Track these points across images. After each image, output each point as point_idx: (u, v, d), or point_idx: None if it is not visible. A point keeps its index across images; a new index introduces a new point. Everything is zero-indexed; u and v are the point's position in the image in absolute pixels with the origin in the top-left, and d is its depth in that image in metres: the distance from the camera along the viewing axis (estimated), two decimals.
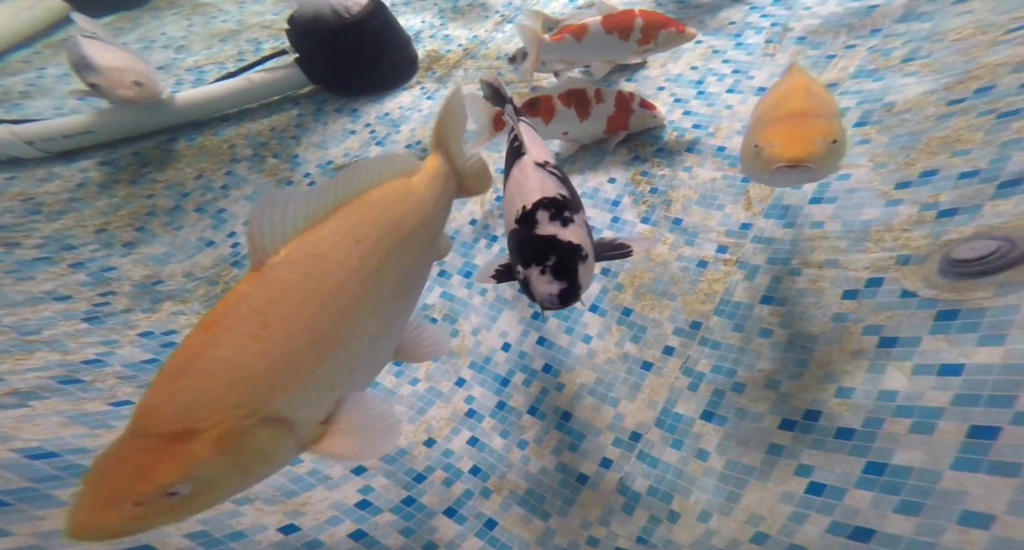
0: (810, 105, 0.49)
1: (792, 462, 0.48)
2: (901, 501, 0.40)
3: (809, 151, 0.44)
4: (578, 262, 0.36)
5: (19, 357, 0.65)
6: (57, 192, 1.02)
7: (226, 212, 1.00)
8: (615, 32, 0.84)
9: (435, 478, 0.61)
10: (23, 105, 1.30)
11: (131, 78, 0.92)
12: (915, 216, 0.59)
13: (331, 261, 0.32)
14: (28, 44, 1.59)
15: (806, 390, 0.52)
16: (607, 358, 0.67)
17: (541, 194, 0.41)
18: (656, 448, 0.57)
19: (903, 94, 0.76)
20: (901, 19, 0.88)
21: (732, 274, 0.68)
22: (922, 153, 0.65)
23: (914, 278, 0.53)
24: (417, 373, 0.74)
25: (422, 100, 1.17)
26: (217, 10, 1.72)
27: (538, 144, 0.51)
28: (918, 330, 0.49)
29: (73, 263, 0.88)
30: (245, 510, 0.51)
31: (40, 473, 0.46)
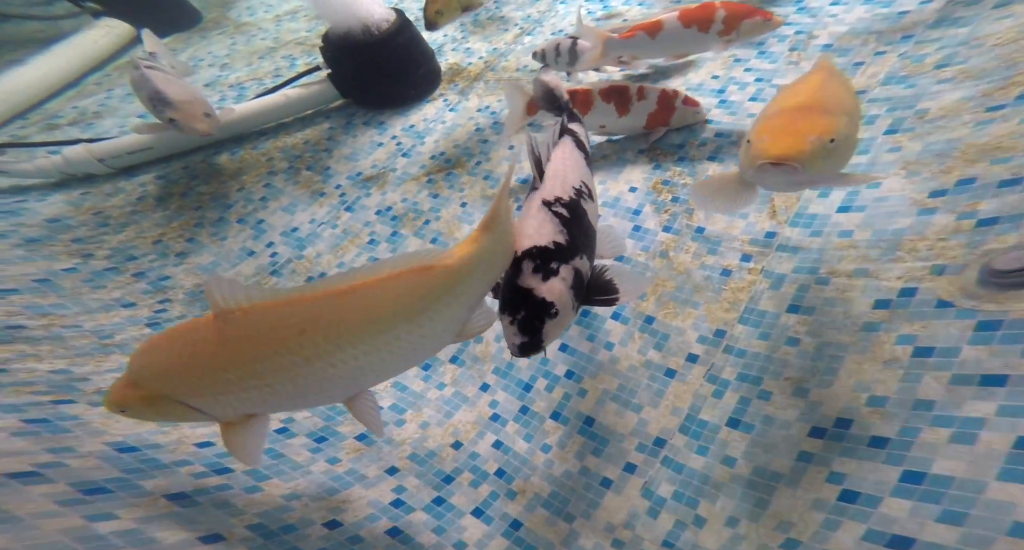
0: (816, 100, 0.45)
1: (823, 469, 0.48)
2: (943, 511, 0.40)
3: (796, 149, 0.40)
4: (545, 319, 0.38)
5: (99, 359, 0.72)
6: (121, 206, 1.12)
7: (265, 223, 1.07)
8: (694, 25, 0.84)
9: (462, 480, 0.64)
10: (95, 124, 1.43)
11: (202, 110, 0.94)
12: (952, 225, 0.58)
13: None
14: (101, 67, 1.76)
15: (836, 398, 0.52)
16: (629, 365, 0.69)
17: (533, 242, 0.42)
18: (681, 454, 0.58)
19: (937, 101, 0.74)
20: (935, 25, 0.87)
21: (757, 283, 0.69)
22: (959, 161, 0.64)
23: (951, 288, 0.52)
24: (444, 378, 0.77)
25: (445, 112, 1.23)
26: (257, 29, 1.85)
27: (559, 175, 0.47)
28: (956, 340, 0.48)
29: (136, 272, 0.96)
30: (294, 505, 0.55)
31: (128, 465, 0.52)
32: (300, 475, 0.60)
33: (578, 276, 0.42)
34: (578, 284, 0.42)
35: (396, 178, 1.10)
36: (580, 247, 0.43)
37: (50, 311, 0.80)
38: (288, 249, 1.03)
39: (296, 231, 1.06)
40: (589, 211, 0.48)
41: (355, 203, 1.08)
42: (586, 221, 0.46)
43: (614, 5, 1.37)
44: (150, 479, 0.51)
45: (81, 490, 0.46)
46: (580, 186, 0.48)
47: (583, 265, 0.43)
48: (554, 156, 0.50)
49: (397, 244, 0.98)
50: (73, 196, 1.15)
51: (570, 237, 0.43)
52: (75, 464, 0.49)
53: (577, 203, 0.46)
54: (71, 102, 1.59)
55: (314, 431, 0.69)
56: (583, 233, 0.45)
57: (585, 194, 0.48)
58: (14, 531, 0.38)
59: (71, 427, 0.55)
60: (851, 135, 0.45)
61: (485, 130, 1.14)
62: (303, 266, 0.99)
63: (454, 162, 1.09)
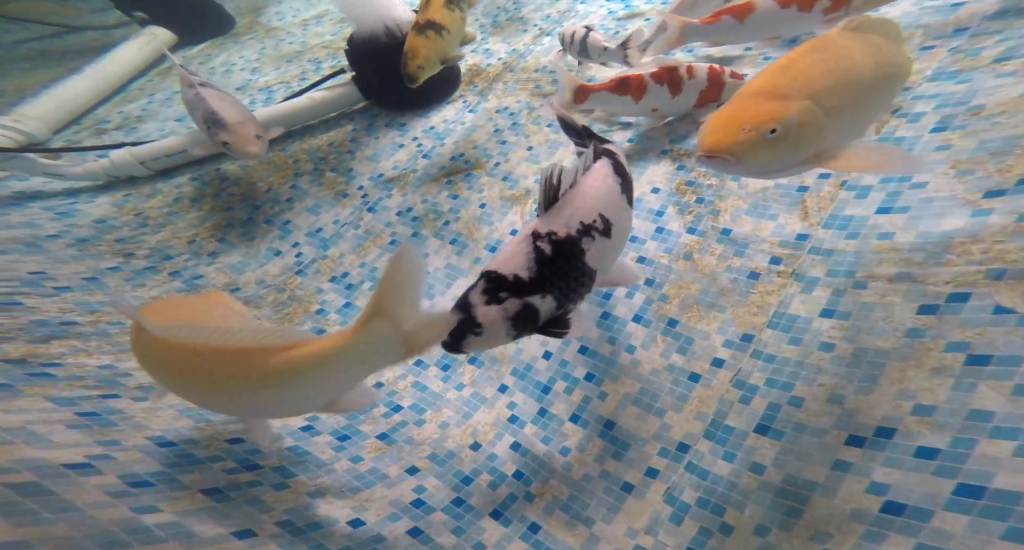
0: (776, 83, 0.43)
1: (864, 479, 0.46)
2: (1009, 528, 0.37)
3: (727, 142, 0.40)
4: (468, 334, 0.44)
5: None
6: (159, 207, 1.19)
7: (291, 224, 1.12)
8: (794, 5, 0.77)
9: (481, 481, 0.64)
10: (138, 128, 1.53)
11: (254, 132, 0.92)
12: (1011, 226, 0.55)
13: None
14: (144, 73, 1.88)
15: (876, 406, 0.50)
16: (652, 369, 0.68)
17: (497, 267, 0.44)
18: (706, 460, 0.57)
19: (995, 96, 0.70)
20: (995, 16, 0.82)
21: (787, 286, 0.66)
22: (1020, 159, 0.61)
23: (1011, 294, 0.49)
24: (463, 378, 0.78)
25: (465, 113, 1.25)
26: (285, 33, 1.93)
27: (568, 207, 0.46)
28: (1019, 348, 0.45)
29: (171, 271, 1.01)
30: (319, 503, 0.57)
31: (168, 459, 0.55)
32: (324, 473, 0.62)
33: (527, 311, 0.44)
34: (524, 318, 0.44)
35: (416, 179, 1.13)
36: (548, 288, 0.44)
37: (97, 308, 0.85)
38: (313, 249, 1.06)
39: (320, 231, 1.09)
40: (591, 250, 0.46)
41: (377, 204, 1.11)
42: (578, 261, 0.45)
43: (636, 4, 1.36)
44: (187, 474, 0.53)
45: (128, 482, 0.48)
46: (593, 221, 0.46)
47: (544, 304, 0.44)
48: (581, 183, 0.48)
49: (418, 244, 1.00)
50: (117, 198, 1.23)
51: (538, 276, 0.44)
52: (121, 457, 0.52)
53: (574, 241, 0.45)
54: (117, 107, 1.70)
55: (337, 429, 0.71)
56: (563, 274, 0.45)
57: (596, 230, 0.46)
58: (74, 520, 0.41)
59: (117, 421, 0.58)
60: (811, 121, 0.41)
61: (504, 131, 1.15)
62: (327, 266, 1.02)
63: (473, 163, 1.11)
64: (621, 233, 0.50)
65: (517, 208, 0.97)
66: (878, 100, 0.50)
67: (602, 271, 0.49)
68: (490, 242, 0.94)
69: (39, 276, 0.88)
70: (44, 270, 0.90)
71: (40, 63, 2.13)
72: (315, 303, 0.96)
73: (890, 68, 0.49)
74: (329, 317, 0.93)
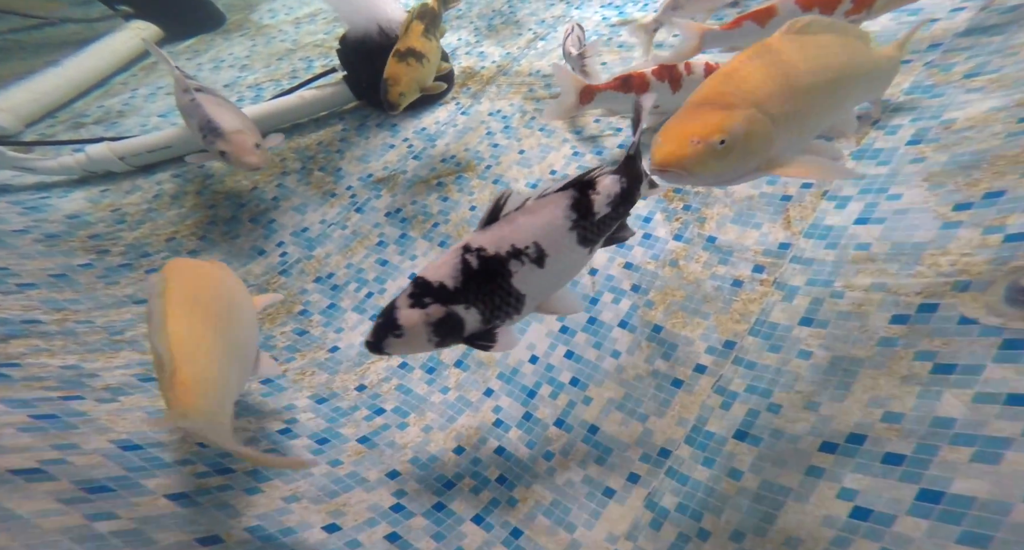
0: (721, 90, 0.43)
1: (834, 485, 0.48)
2: (964, 532, 0.39)
3: (676, 156, 0.40)
4: (388, 334, 0.46)
5: (109, 355, 0.74)
6: (138, 203, 1.17)
7: (276, 223, 1.11)
8: (815, 8, 0.78)
9: (464, 485, 0.64)
10: (119, 123, 1.50)
11: (253, 141, 0.87)
12: (977, 240, 0.57)
13: None
14: (128, 68, 1.85)
15: (849, 413, 0.52)
16: (636, 374, 0.69)
17: (427, 274, 0.46)
18: (686, 465, 0.58)
19: (965, 111, 0.74)
20: (965, 33, 0.86)
21: (769, 294, 0.68)
22: (987, 173, 0.64)
23: (975, 305, 0.51)
24: (448, 382, 0.78)
25: (457, 115, 1.25)
26: (277, 30, 1.92)
27: (505, 228, 0.46)
28: (980, 358, 0.47)
29: (149, 269, 1.00)
30: (294, 507, 0.57)
31: (132, 463, 0.53)
32: (301, 477, 0.62)
33: (450, 319, 0.45)
34: (446, 325, 0.45)
35: (406, 180, 1.13)
36: (472, 300, 0.45)
37: (65, 306, 0.83)
38: (298, 249, 1.06)
39: (306, 231, 1.09)
40: (518, 274, 0.46)
41: (365, 204, 1.11)
42: (503, 281, 0.46)
43: (629, 11, 1.39)
44: (152, 478, 0.52)
45: (84, 488, 0.47)
46: (525, 248, 0.46)
47: (469, 315, 0.46)
48: (526, 208, 0.47)
49: (406, 246, 1.00)
50: (94, 193, 1.20)
51: (462, 287, 0.45)
52: (80, 461, 0.50)
53: (501, 261, 0.46)
54: (98, 101, 1.67)
55: (316, 433, 0.70)
56: (487, 290, 0.46)
57: (527, 257, 0.46)
58: (13, 530, 0.39)
59: (78, 423, 0.57)
60: (758, 129, 0.41)
61: (496, 134, 1.16)
62: (312, 266, 1.02)
63: (464, 165, 1.11)
64: (559, 268, 0.49)
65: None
66: (827, 103, 0.49)
67: (532, 297, 0.49)
68: None
69: (1, 272, 0.85)
70: (7, 266, 0.88)
71: (16, 54, 2.08)
72: (298, 304, 0.95)
73: (839, 69, 0.48)
74: (313, 318, 0.92)
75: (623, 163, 0.52)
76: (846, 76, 0.49)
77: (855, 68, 0.50)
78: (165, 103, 1.56)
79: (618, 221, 0.52)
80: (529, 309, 0.50)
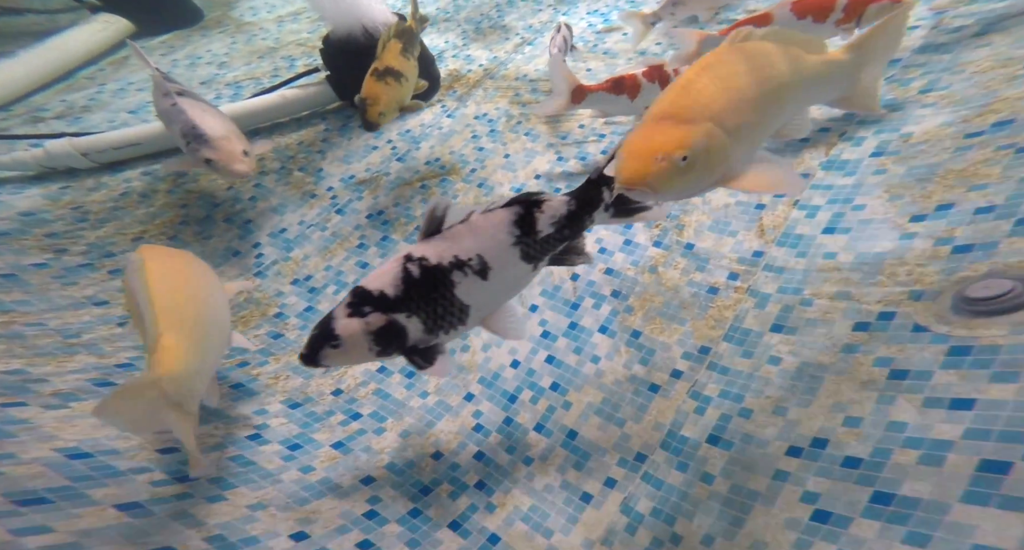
0: (680, 103, 0.43)
1: (798, 489, 0.50)
2: (908, 532, 0.41)
3: (643, 172, 0.40)
4: (324, 345, 0.45)
5: (62, 359, 0.71)
6: (103, 201, 1.12)
7: (252, 223, 1.08)
8: (809, 16, 0.81)
9: (441, 491, 0.64)
10: (83, 118, 1.44)
11: (241, 147, 0.83)
12: (929, 251, 0.61)
13: None
14: (95, 61, 1.78)
15: (814, 418, 0.54)
16: (615, 379, 0.70)
17: (366, 283, 0.46)
18: (661, 470, 0.60)
19: (921, 125, 0.78)
20: (921, 50, 0.92)
21: (743, 301, 0.71)
22: (938, 186, 0.68)
23: (927, 314, 0.55)
24: (427, 386, 0.78)
25: (442, 118, 1.26)
26: (259, 29, 1.89)
27: (449, 239, 0.47)
28: (930, 364, 0.50)
29: (112, 270, 0.96)
30: (260, 515, 0.55)
31: (77, 473, 0.51)
32: (269, 484, 0.60)
33: (392, 328, 0.45)
34: (388, 334, 0.45)
35: (389, 182, 1.12)
36: (414, 309, 0.46)
37: (12, 308, 0.79)
38: (275, 250, 1.04)
39: (284, 232, 1.07)
40: (462, 284, 0.47)
41: (346, 206, 1.10)
42: (446, 290, 0.46)
43: (614, 19, 1.43)
44: (100, 488, 0.50)
45: (15, 500, 0.44)
46: (468, 259, 0.47)
47: (411, 324, 0.46)
48: (470, 221, 0.48)
49: (387, 248, 1.00)
50: (52, 190, 1.15)
51: (404, 294, 0.45)
52: (15, 472, 0.48)
53: (444, 271, 0.46)
54: (60, 95, 1.61)
55: (288, 438, 0.69)
56: (430, 299, 0.46)
57: (470, 268, 0.47)
58: None
59: (17, 431, 0.54)
60: (717, 143, 0.42)
61: (482, 137, 1.17)
62: (289, 268, 1.00)
63: (449, 168, 1.11)
64: (502, 282, 0.50)
65: None
66: (775, 113, 0.49)
67: (477, 309, 0.49)
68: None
69: None
70: None
71: None
72: (274, 306, 0.93)
73: (783, 78, 0.48)
74: (289, 321, 0.91)
75: (580, 188, 0.53)
76: (791, 84, 0.50)
77: (800, 75, 0.51)
78: (136, 99, 1.51)
79: (563, 243, 0.53)
80: (474, 322, 0.50)
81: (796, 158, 0.85)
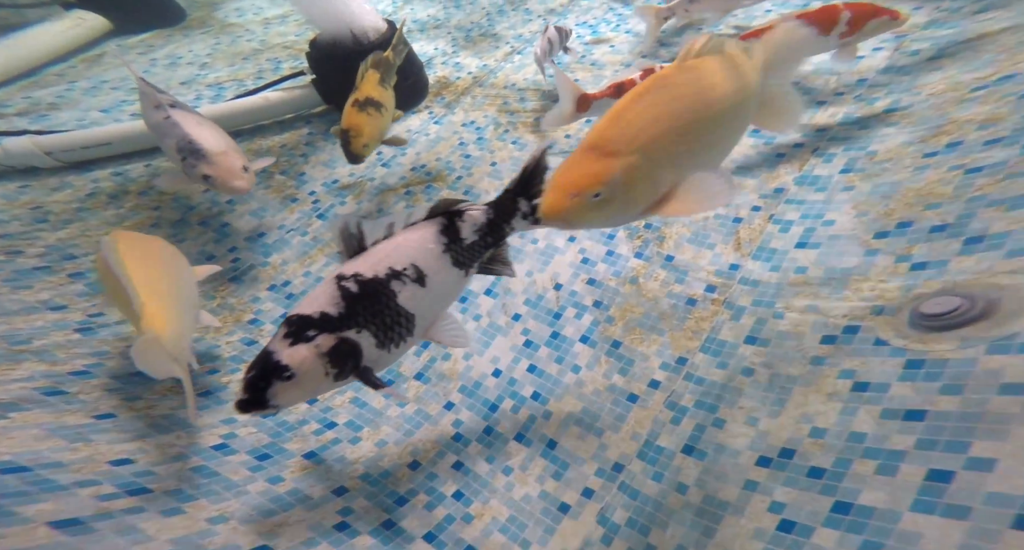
0: (606, 137, 0.43)
1: (766, 499, 0.51)
2: (864, 541, 0.43)
3: (557, 207, 0.41)
4: (274, 381, 0.42)
5: (5, 367, 0.68)
6: (67, 201, 1.08)
7: (229, 226, 1.07)
8: (815, 27, 0.82)
9: (417, 502, 0.64)
10: (49, 116, 1.39)
11: (240, 162, 0.81)
12: (891, 267, 0.65)
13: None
14: (65, 58, 1.72)
15: (783, 428, 0.56)
16: (595, 388, 0.72)
17: (298, 310, 0.45)
18: (637, 480, 0.61)
19: (885, 144, 0.84)
20: (884, 71, 0.98)
21: (719, 313, 0.73)
22: (899, 203, 0.72)
23: (887, 328, 0.58)
24: (407, 395, 0.78)
25: (429, 124, 1.27)
26: (244, 30, 1.87)
27: (377, 255, 0.48)
28: (888, 377, 0.53)
29: (73, 273, 0.92)
30: (219, 529, 0.54)
31: (7, 488, 0.48)
32: (233, 496, 0.59)
33: (345, 346, 0.44)
34: (342, 353, 0.44)
35: (374, 188, 1.12)
36: (362, 323, 0.46)
37: None
38: (252, 255, 1.02)
39: (263, 236, 1.05)
40: (403, 293, 0.48)
41: (328, 211, 1.09)
42: (389, 301, 0.47)
43: (603, 31, 1.47)
44: (33, 504, 0.47)
45: None
46: (404, 269, 0.48)
47: (363, 339, 0.46)
48: (396, 235, 0.50)
49: None
50: (9, 189, 1.11)
51: (348, 311, 0.45)
52: None
53: (383, 282, 0.47)
54: (24, 92, 1.55)
55: (257, 448, 0.68)
56: (376, 310, 0.46)
57: (408, 277, 0.48)
58: None
59: None
60: (638, 177, 0.42)
61: (469, 145, 1.18)
62: (267, 273, 0.99)
63: (434, 175, 1.12)
64: (441, 288, 0.51)
65: None
66: (716, 138, 0.48)
67: (421, 317, 0.50)
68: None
69: None
70: None
71: None
72: (249, 312, 0.92)
73: (724, 104, 0.47)
74: (264, 328, 0.89)
75: (498, 198, 0.55)
76: (734, 105, 0.48)
77: (745, 93, 0.49)
78: (110, 98, 1.47)
79: (488, 249, 0.56)
80: (419, 332, 0.51)
81: (772, 172, 0.89)
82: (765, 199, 0.85)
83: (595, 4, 1.57)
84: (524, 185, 0.55)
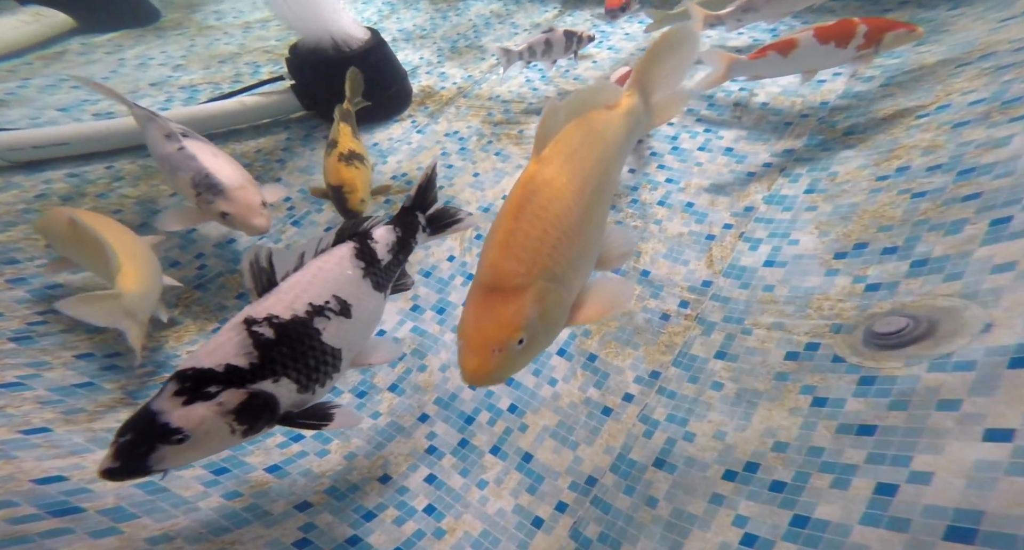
0: (505, 272, 0.38)
1: (731, 512, 0.54)
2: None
3: (484, 370, 0.37)
4: (158, 446, 0.37)
5: None
6: (11, 203, 1.02)
7: (196, 232, 1.03)
8: (832, 42, 0.88)
9: (386, 516, 0.63)
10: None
11: (259, 198, 0.76)
12: (848, 287, 0.69)
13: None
14: (20, 54, 1.65)
15: (748, 442, 0.59)
16: (570, 401, 0.73)
17: (194, 363, 0.40)
18: (610, 493, 0.62)
19: (845, 165, 0.90)
20: (843, 95, 1.05)
21: (692, 329, 0.76)
22: (856, 225, 0.77)
23: (844, 346, 0.62)
24: (380, 407, 0.77)
25: (412, 133, 1.27)
26: (222, 33, 1.84)
27: (292, 290, 0.45)
28: (844, 393, 0.57)
29: (12, 278, 0.87)
30: (160, 549, 0.52)
31: None
32: (182, 513, 0.57)
33: (257, 401, 0.41)
34: (253, 408, 0.41)
35: None
36: (280, 371, 0.42)
37: None
38: (220, 262, 0.99)
39: (232, 243, 1.03)
40: (328, 329, 0.45)
41: (304, 217, 1.08)
42: (313, 341, 0.44)
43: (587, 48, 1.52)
44: None
45: None
46: (326, 302, 0.45)
47: (281, 389, 0.42)
48: (309, 265, 0.47)
49: None
50: None
51: (262, 360, 0.41)
52: None
53: (304, 322, 0.44)
54: None
55: (214, 462, 0.66)
56: (298, 355, 0.43)
57: (331, 311, 0.45)
58: None
59: None
60: (550, 302, 0.39)
61: (451, 155, 1.19)
62: (235, 281, 0.96)
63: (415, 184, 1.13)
64: (366, 315, 0.50)
65: (457, 234, 1.01)
66: (603, 210, 0.45)
67: (347, 350, 0.48)
68: (425, 267, 0.96)
69: None
70: None
71: None
72: (214, 321, 0.89)
73: (605, 176, 0.45)
74: None
75: (398, 215, 0.56)
76: (614, 161, 0.46)
77: (621, 147, 0.48)
78: (69, 97, 1.41)
79: (400, 267, 0.56)
80: (346, 365, 0.49)
81: (743, 191, 0.94)
82: (736, 217, 0.90)
83: (579, 21, 1.62)
84: (420, 200, 0.58)
